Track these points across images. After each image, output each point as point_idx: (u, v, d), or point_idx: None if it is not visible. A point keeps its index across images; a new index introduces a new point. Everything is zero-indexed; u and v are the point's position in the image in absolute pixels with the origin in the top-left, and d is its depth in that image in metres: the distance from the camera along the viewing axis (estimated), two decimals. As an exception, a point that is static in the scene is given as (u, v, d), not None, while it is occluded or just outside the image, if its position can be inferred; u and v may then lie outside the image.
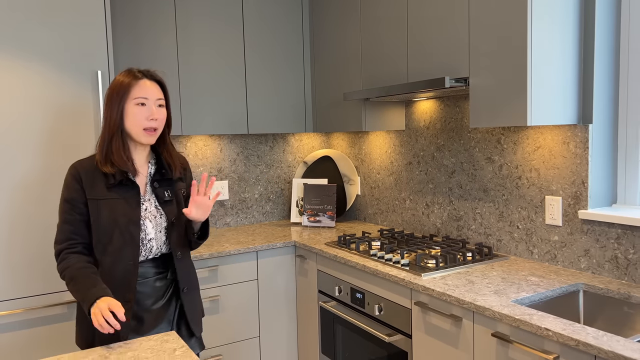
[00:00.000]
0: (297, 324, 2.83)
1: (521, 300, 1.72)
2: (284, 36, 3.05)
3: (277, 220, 3.39)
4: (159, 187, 1.70)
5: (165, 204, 1.70)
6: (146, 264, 1.67)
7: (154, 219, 1.67)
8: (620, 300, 1.77)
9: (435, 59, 2.20)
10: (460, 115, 2.50)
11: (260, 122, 2.99)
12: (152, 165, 1.73)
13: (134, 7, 2.60)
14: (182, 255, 1.73)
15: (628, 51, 1.94)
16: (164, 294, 1.71)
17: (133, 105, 1.61)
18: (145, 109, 1.62)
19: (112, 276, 1.60)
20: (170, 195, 1.72)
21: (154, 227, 1.66)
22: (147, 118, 1.62)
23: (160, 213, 1.69)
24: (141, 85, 1.62)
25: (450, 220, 2.58)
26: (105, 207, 1.60)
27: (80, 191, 1.60)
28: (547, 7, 1.83)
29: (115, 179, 1.61)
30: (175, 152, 1.78)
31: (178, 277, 1.71)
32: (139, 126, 1.62)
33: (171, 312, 1.73)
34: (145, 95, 1.62)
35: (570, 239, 2.04)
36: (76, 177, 1.61)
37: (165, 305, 1.71)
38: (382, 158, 3.03)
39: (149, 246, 1.66)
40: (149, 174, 1.71)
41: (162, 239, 1.68)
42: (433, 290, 1.85)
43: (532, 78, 1.82)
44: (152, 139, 1.66)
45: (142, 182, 1.69)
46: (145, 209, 1.66)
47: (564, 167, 2.04)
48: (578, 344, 1.38)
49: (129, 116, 1.61)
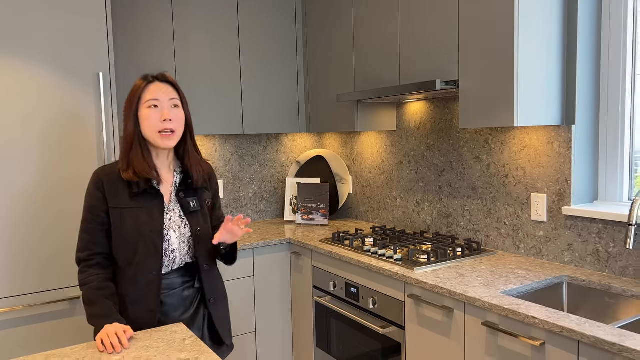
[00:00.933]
0: (292, 319, 2.91)
1: (509, 292, 1.82)
2: (278, 38, 3.12)
3: (271, 218, 3.46)
4: (184, 197, 1.66)
5: (190, 214, 1.66)
6: (172, 275, 1.65)
7: (177, 229, 1.63)
8: (601, 291, 1.87)
9: (426, 62, 2.30)
10: (449, 116, 2.60)
11: (255, 122, 3.06)
12: (178, 175, 1.69)
13: (133, 11, 2.66)
14: (209, 266, 1.70)
15: (608, 56, 2.05)
16: (191, 303, 1.69)
17: (145, 109, 1.59)
18: (157, 111, 1.59)
19: (136, 286, 1.59)
20: (196, 205, 1.68)
21: (178, 238, 1.63)
22: (161, 119, 1.58)
23: (184, 223, 1.65)
24: (151, 88, 1.60)
25: (440, 217, 2.68)
26: (129, 216, 1.58)
27: (102, 199, 1.58)
28: (532, 14, 1.94)
29: (140, 188, 1.58)
30: (198, 158, 1.72)
31: (204, 287, 1.69)
32: (154, 129, 1.58)
33: (200, 320, 1.71)
34: (156, 97, 1.59)
35: (554, 234, 2.15)
36: (98, 185, 1.60)
37: (194, 314, 1.69)
38: (374, 158, 3.12)
39: (172, 257, 1.63)
40: (174, 183, 1.68)
41: (185, 249, 1.65)
42: (426, 283, 1.94)
43: (519, 81, 1.92)
44: (170, 142, 1.61)
45: (166, 191, 1.66)
46: (169, 219, 1.63)
47: (549, 165, 2.15)
48: (562, 330, 1.48)
49: (143, 120, 1.59)
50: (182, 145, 1.69)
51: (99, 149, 2.28)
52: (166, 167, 1.68)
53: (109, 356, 1.38)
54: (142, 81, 1.62)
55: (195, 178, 1.68)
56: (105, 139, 2.27)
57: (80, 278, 1.59)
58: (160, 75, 1.65)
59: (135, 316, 1.60)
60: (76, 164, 2.24)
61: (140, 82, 1.62)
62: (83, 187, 2.25)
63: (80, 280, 1.59)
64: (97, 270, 1.59)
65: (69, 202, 2.23)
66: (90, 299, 1.55)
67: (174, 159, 1.71)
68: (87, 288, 1.57)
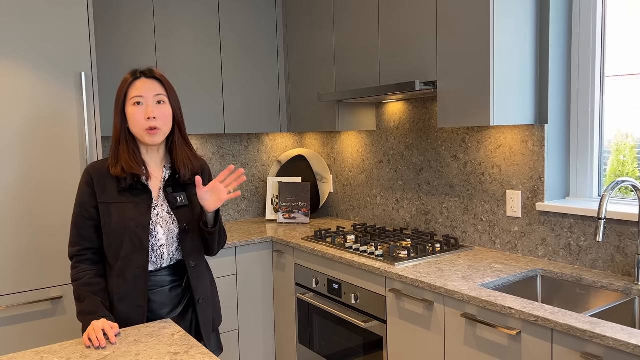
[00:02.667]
0: (275, 316, 2.94)
1: (486, 285, 1.89)
2: (260, 38, 3.15)
3: (252, 217, 3.49)
4: (172, 192, 1.66)
5: (178, 209, 1.65)
6: (161, 273, 1.65)
7: (165, 224, 1.63)
8: (573, 282, 1.96)
9: (406, 63, 2.36)
10: (428, 116, 2.67)
11: (236, 122, 3.09)
12: (167, 170, 1.69)
13: (115, 10, 2.66)
14: (195, 263, 1.68)
15: (578, 59, 2.15)
16: (179, 302, 1.68)
17: (131, 106, 1.59)
18: (142, 108, 1.59)
19: (124, 281, 1.60)
20: (184, 200, 1.67)
21: (165, 233, 1.63)
22: (145, 117, 1.58)
23: (172, 219, 1.64)
24: (136, 85, 1.60)
25: (419, 214, 2.75)
26: (116, 210, 1.59)
27: (92, 195, 1.60)
28: (507, 18, 2.02)
29: (127, 183, 1.59)
30: (187, 153, 1.70)
31: (192, 286, 1.67)
32: (140, 127, 1.59)
33: (187, 321, 1.69)
34: (141, 94, 1.59)
35: (529, 230, 2.23)
36: (88, 180, 1.61)
37: (181, 314, 1.68)
38: (354, 157, 3.18)
39: (159, 252, 1.62)
40: (163, 179, 1.67)
41: (174, 245, 1.64)
42: (406, 278, 2.00)
43: (495, 83, 2.00)
44: (156, 138, 1.61)
45: (155, 187, 1.66)
46: (157, 214, 1.63)
47: (523, 163, 2.23)
48: (537, 319, 1.56)
49: (129, 118, 1.60)
50: (171, 140, 1.69)
51: (81, 148, 2.28)
52: (156, 163, 1.69)
53: (98, 352, 1.40)
54: (129, 77, 1.62)
55: (182, 173, 1.67)
56: (88, 138, 2.27)
57: (72, 274, 1.61)
58: (148, 71, 1.64)
59: (124, 312, 1.61)
60: (59, 163, 2.24)
61: (127, 77, 1.62)
62: (66, 187, 2.25)
63: (72, 275, 1.61)
64: (87, 266, 1.61)
65: (51, 202, 2.22)
66: (80, 295, 1.57)
67: (165, 154, 1.71)
68: (77, 284, 1.59)
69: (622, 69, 2.07)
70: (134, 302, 1.61)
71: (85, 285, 1.58)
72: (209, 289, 1.75)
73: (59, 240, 2.25)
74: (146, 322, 1.63)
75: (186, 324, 1.70)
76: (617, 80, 2.09)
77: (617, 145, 2.10)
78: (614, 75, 2.10)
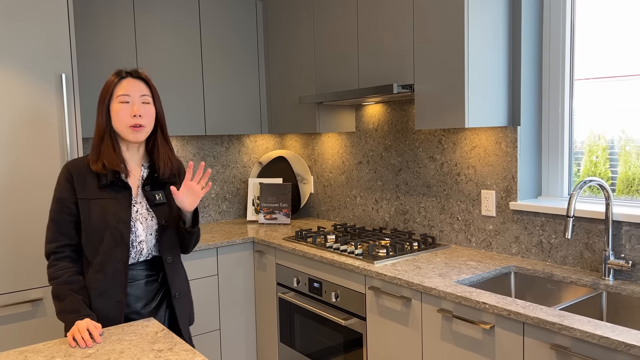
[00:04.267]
0: (256, 316, 2.97)
1: (462, 281, 1.95)
2: (239, 42, 3.18)
3: (233, 218, 3.51)
4: (150, 190, 1.71)
5: (156, 206, 1.71)
6: (137, 267, 1.69)
7: (144, 221, 1.68)
8: (544, 278, 2.04)
9: (384, 67, 2.42)
10: (405, 118, 2.73)
11: (217, 123, 3.11)
12: (146, 169, 1.74)
13: (95, 12, 2.66)
14: (172, 259, 1.74)
15: (549, 63, 2.23)
16: (154, 297, 1.72)
17: (117, 104, 1.64)
18: (128, 106, 1.64)
19: (104, 276, 1.62)
20: (162, 198, 1.72)
21: (145, 230, 1.67)
22: (131, 115, 1.63)
23: (151, 215, 1.69)
24: (123, 84, 1.65)
25: (398, 214, 2.81)
26: (96, 206, 1.62)
27: (71, 191, 1.63)
28: (481, 25, 2.09)
29: (107, 179, 1.63)
30: (167, 154, 1.75)
31: (169, 281, 1.72)
32: (125, 124, 1.64)
33: (161, 316, 1.74)
34: (127, 93, 1.64)
35: (502, 228, 2.31)
36: (68, 177, 1.63)
37: (155, 309, 1.72)
38: (334, 158, 3.23)
39: (139, 248, 1.67)
40: (141, 177, 1.73)
41: (152, 241, 1.70)
42: (385, 275, 2.05)
43: (469, 86, 2.07)
44: (139, 135, 1.66)
45: (134, 184, 1.71)
46: (136, 211, 1.67)
47: (497, 164, 2.31)
48: (510, 313, 1.62)
49: (114, 115, 1.64)
50: (152, 139, 1.74)
51: (62, 149, 2.28)
52: (135, 161, 1.73)
53: (82, 350, 1.41)
54: (115, 76, 1.67)
55: (162, 171, 1.72)
56: (69, 139, 2.28)
57: (49, 272, 1.61)
58: (134, 71, 1.69)
59: (102, 308, 1.62)
60: (39, 165, 2.24)
61: (113, 77, 1.67)
62: (46, 189, 2.25)
63: (49, 274, 1.61)
64: (67, 264, 1.62)
65: (31, 203, 2.22)
66: (60, 293, 1.58)
67: (144, 153, 1.76)
68: (56, 282, 1.59)
69: (594, 72, 2.15)
70: (113, 297, 1.63)
71: (65, 284, 1.59)
72: (185, 284, 1.80)
73: (39, 243, 2.25)
74: (123, 317, 1.65)
75: (159, 320, 1.74)
76: (590, 83, 2.18)
77: (590, 146, 2.18)
78: (586, 78, 2.18)
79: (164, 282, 1.74)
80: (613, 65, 2.09)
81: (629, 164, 2.06)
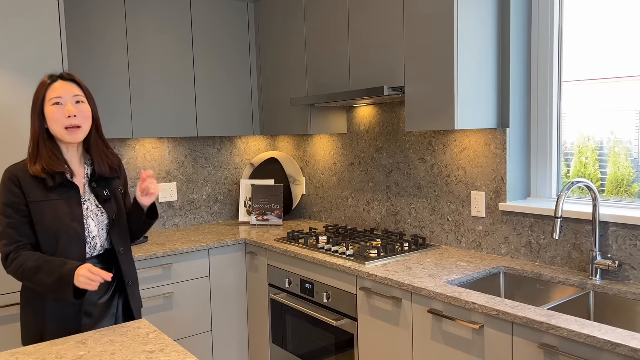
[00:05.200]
0: (248, 317, 2.98)
1: (452, 282, 1.97)
2: (231, 44, 3.19)
3: (225, 220, 3.52)
4: (97, 187, 1.76)
5: (105, 202, 1.77)
6: (91, 261, 1.74)
7: (95, 217, 1.73)
8: (533, 279, 2.07)
9: (375, 69, 2.44)
10: (396, 120, 2.75)
11: (209, 125, 3.12)
12: (89, 167, 1.78)
13: (87, 14, 2.66)
14: (124, 250, 1.81)
15: (538, 66, 2.26)
16: (108, 289, 1.78)
17: (50, 107, 1.65)
18: (61, 108, 1.65)
19: None
20: (109, 194, 1.79)
21: (97, 225, 1.73)
22: (65, 116, 1.65)
23: (101, 211, 1.75)
24: (54, 87, 1.66)
25: (389, 215, 2.83)
26: (47, 208, 1.65)
27: (21, 195, 1.64)
28: (470, 28, 2.11)
29: (55, 181, 1.66)
30: (105, 151, 1.80)
31: (123, 271, 1.79)
32: (60, 126, 1.65)
33: (115, 306, 1.80)
34: (59, 95, 1.65)
35: (492, 229, 2.33)
36: (14, 180, 1.65)
37: (110, 299, 1.79)
38: (326, 160, 3.25)
39: (93, 243, 1.72)
40: (86, 175, 1.77)
41: (104, 235, 1.76)
42: (376, 276, 2.07)
43: (459, 88, 2.09)
44: (77, 136, 1.68)
45: (80, 183, 1.74)
46: (87, 209, 1.72)
47: (487, 165, 2.33)
48: (499, 313, 1.64)
49: (49, 118, 1.65)
50: (88, 138, 1.77)
51: (53, 151, 2.28)
52: (77, 161, 1.76)
53: (73, 351, 1.42)
54: (47, 79, 1.69)
55: (103, 168, 1.77)
56: (60, 141, 2.27)
57: (15, 265, 1.60)
58: (66, 74, 1.72)
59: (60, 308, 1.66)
60: (29, 167, 2.23)
61: (45, 80, 1.69)
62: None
63: (15, 266, 1.60)
64: (26, 252, 1.63)
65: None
66: (38, 264, 1.58)
67: (83, 152, 1.79)
68: (25, 267, 1.59)
69: (584, 75, 2.18)
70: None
71: (38, 258, 1.60)
72: (135, 272, 1.88)
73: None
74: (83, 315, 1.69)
75: (113, 310, 1.80)
76: (579, 85, 2.20)
77: (580, 147, 2.21)
78: (575, 80, 2.21)
79: (118, 273, 1.80)
80: (601, 67, 2.12)
81: (618, 165, 2.09)
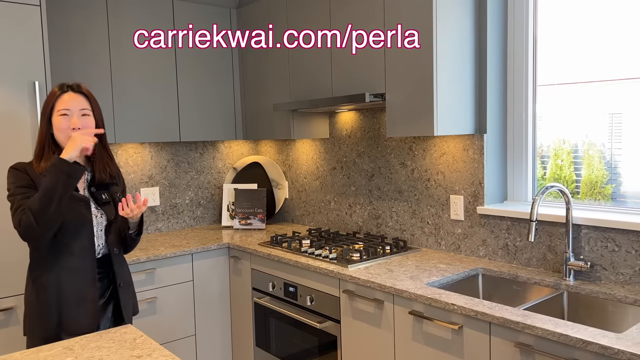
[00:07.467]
0: (232, 321, 3.00)
1: (432, 283, 2.03)
2: (214, 50, 3.21)
3: (208, 224, 3.53)
4: (96, 191, 1.85)
5: (103, 205, 1.85)
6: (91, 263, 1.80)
7: (95, 219, 1.82)
8: (510, 280, 2.14)
9: (356, 76, 2.49)
10: (377, 126, 2.81)
11: (191, 130, 3.13)
12: (89, 172, 1.86)
13: (68, 18, 2.65)
14: (118, 251, 1.89)
15: (513, 75, 2.34)
16: (104, 293, 1.85)
17: (57, 117, 1.75)
18: (67, 119, 1.75)
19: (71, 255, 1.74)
20: (107, 197, 1.87)
21: (96, 226, 1.82)
22: (70, 127, 1.75)
23: (100, 213, 1.84)
24: (64, 98, 1.76)
25: (370, 218, 2.88)
26: None
27: (30, 180, 1.72)
28: (448, 38, 2.18)
29: None
30: (106, 162, 1.88)
31: (115, 271, 1.86)
32: (65, 136, 1.75)
33: (109, 310, 1.87)
34: (67, 107, 1.76)
35: (471, 232, 2.40)
36: (22, 170, 1.74)
37: (105, 304, 1.85)
38: (309, 164, 3.29)
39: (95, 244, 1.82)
40: (86, 180, 1.85)
41: (103, 237, 1.84)
42: (358, 279, 2.12)
43: (438, 96, 2.15)
44: None
45: (80, 187, 1.83)
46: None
47: (465, 170, 2.40)
48: (477, 314, 1.70)
49: (55, 127, 1.76)
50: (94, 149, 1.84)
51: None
52: None
53: (61, 357, 1.43)
54: (57, 90, 1.78)
55: (103, 176, 1.85)
56: (42, 147, 2.27)
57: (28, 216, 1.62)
58: (76, 86, 1.81)
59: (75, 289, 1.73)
60: (11, 173, 2.22)
61: (55, 90, 1.78)
62: (19, 196, 2.24)
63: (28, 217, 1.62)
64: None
65: (2, 212, 2.20)
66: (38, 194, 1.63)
67: (85, 159, 1.85)
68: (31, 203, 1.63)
69: (559, 78, 2.25)
70: (85, 275, 1.75)
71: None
72: (128, 275, 1.94)
73: (10, 250, 2.23)
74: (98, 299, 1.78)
75: (108, 312, 1.86)
76: (554, 89, 2.27)
77: (555, 150, 2.29)
78: (550, 84, 2.28)
79: (113, 277, 1.86)
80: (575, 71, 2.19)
81: (592, 167, 2.17)
